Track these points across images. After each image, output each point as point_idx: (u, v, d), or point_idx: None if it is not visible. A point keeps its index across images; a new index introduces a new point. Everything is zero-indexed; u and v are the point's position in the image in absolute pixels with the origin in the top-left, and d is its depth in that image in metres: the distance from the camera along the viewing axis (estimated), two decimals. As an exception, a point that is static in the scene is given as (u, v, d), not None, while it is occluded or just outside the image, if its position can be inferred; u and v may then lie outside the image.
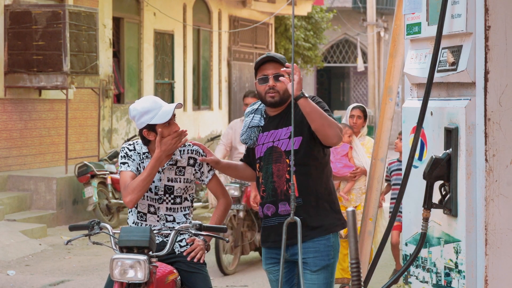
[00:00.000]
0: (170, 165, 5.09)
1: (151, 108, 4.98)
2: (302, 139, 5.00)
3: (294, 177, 4.94)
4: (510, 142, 4.11)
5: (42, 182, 13.42)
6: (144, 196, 5.07)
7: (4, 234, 11.43)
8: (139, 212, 5.12)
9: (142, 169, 5.05)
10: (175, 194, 5.10)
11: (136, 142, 5.18)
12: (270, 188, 5.07)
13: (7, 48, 13.74)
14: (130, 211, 5.17)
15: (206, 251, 5.14)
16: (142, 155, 5.11)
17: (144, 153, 5.12)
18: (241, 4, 22.86)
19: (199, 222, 4.96)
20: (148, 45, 18.43)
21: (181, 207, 5.13)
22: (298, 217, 4.68)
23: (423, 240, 4.26)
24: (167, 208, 5.10)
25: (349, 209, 3.77)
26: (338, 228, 5.13)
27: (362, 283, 3.79)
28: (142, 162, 5.09)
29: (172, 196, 5.09)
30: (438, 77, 4.30)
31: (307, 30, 27.52)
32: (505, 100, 4.10)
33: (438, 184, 4.25)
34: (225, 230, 5.05)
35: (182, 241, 5.13)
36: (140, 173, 5.03)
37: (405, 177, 4.27)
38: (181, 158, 5.11)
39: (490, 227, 4.10)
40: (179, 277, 5.03)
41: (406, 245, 4.65)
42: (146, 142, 5.08)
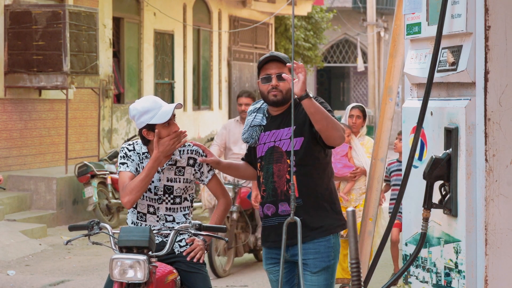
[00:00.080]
0: (170, 165, 5.09)
1: (151, 108, 4.97)
2: (303, 140, 4.99)
3: (294, 177, 4.93)
4: (510, 142, 4.11)
5: (42, 182, 13.41)
6: (143, 196, 5.06)
7: (4, 234, 11.42)
8: (139, 212, 5.11)
9: (142, 169, 5.05)
10: (175, 194, 5.09)
11: (136, 142, 5.17)
12: (271, 188, 5.06)
13: (7, 48, 13.74)
14: (130, 211, 5.17)
15: (206, 251, 5.13)
16: (141, 155, 5.11)
17: (143, 153, 5.11)
18: (241, 4, 22.86)
19: (199, 222, 4.95)
20: (148, 45, 18.43)
21: (180, 207, 5.13)
22: (298, 217, 4.67)
23: (423, 240, 4.25)
24: (167, 208, 5.09)
25: (349, 209, 3.77)
26: (339, 229, 5.11)
27: (362, 283, 3.79)
28: (142, 162, 5.08)
29: (171, 196, 5.09)
30: (438, 77, 4.30)
31: (307, 30, 27.53)
32: (505, 100, 4.10)
33: (438, 184, 4.25)
34: (224, 230, 5.05)
35: (181, 241, 5.12)
36: (139, 173, 5.03)
37: (405, 177, 4.27)
38: (180, 158, 5.10)
39: (490, 227, 4.10)
40: (179, 277, 5.02)
41: (406, 245, 4.64)
42: (145, 142, 5.07)
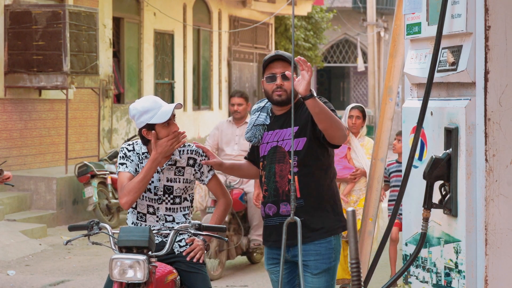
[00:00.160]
0: (169, 165, 5.08)
1: (151, 107, 4.97)
2: (306, 140, 4.98)
3: (296, 178, 4.93)
4: (510, 142, 4.11)
5: (42, 182, 13.41)
6: (142, 196, 5.06)
7: (4, 234, 11.42)
8: (139, 212, 5.11)
9: (141, 169, 5.05)
10: (175, 194, 5.09)
11: (135, 142, 5.17)
12: (272, 188, 5.05)
13: (7, 48, 13.74)
14: (130, 212, 5.16)
15: (206, 251, 5.13)
16: (141, 155, 5.10)
17: (143, 153, 5.11)
18: (241, 4, 22.86)
19: (199, 222, 4.95)
20: (148, 45, 18.42)
21: (180, 207, 5.12)
22: (299, 218, 4.65)
23: (423, 240, 4.25)
24: (167, 208, 5.09)
25: (349, 209, 3.76)
26: (340, 230, 5.10)
27: (362, 283, 3.79)
28: (141, 163, 5.08)
29: (171, 196, 5.09)
30: (438, 77, 4.30)
31: (307, 30, 27.54)
32: (505, 100, 4.10)
33: (438, 184, 4.24)
34: (224, 230, 5.04)
35: (181, 241, 5.12)
36: (138, 174, 5.02)
37: (405, 177, 4.26)
38: (180, 158, 5.10)
39: (490, 227, 4.09)
40: (179, 277, 5.02)
41: (406, 245, 4.64)
42: (145, 142, 5.07)
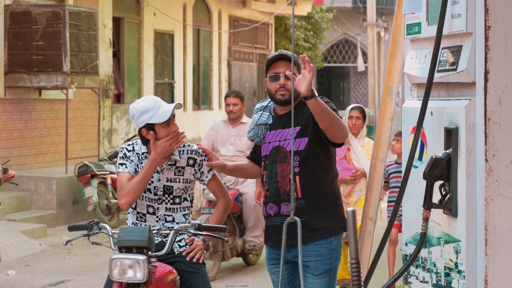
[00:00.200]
0: (169, 165, 5.08)
1: (151, 107, 4.97)
2: (308, 140, 4.98)
3: (297, 178, 4.93)
4: (510, 142, 4.11)
5: (42, 182, 13.41)
6: (142, 196, 5.06)
7: (4, 234, 11.42)
8: (138, 213, 5.11)
9: (141, 169, 5.04)
10: (174, 194, 5.09)
11: (135, 142, 5.16)
12: (274, 188, 5.05)
13: (7, 48, 13.74)
14: (129, 212, 5.16)
15: (206, 251, 5.13)
16: (141, 155, 5.10)
17: (143, 153, 5.10)
18: (241, 4, 22.86)
19: (198, 222, 4.95)
20: (148, 45, 18.42)
21: (180, 207, 5.12)
22: (299, 218, 4.65)
23: (423, 240, 4.25)
24: (167, 208, 5.09)
25: (349, 209, 3.76)
26: (341, 230, 5.09)
27: (362, 283, 3.79)
28: (141, 163, 5.08)
29: (171, 196, 5.08)
30: (438, 77, 4.30)
31: (307, 30, 27.53)
32: (505, 100, 4.10)
33: (438, 184, 4.24)
34: (224, 230, 5.04)
35: (181, 241, 5.12)
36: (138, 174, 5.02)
37: (405, 177, 4.26)
38: (180, 158, 5.10)
39: (490, 227, 4.09)
40: (179, 277, 5.02)
41: (406, 245, 4.64)
42: (145, 141, 5.07)
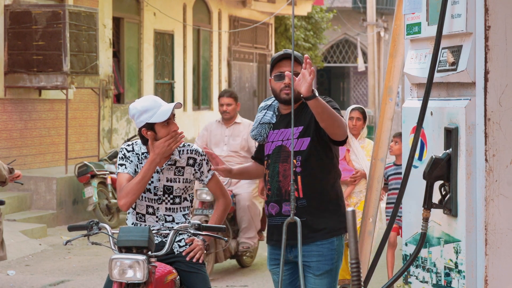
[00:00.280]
0: (169, 165, 5.08)
1: (151, 107, 4.97)
2: (310, 140, 4.97)
3: (299, 178, 4.93)
4: (510, 142, 4.10)
5: (42, 182, 13.41)
6: (142, 197, 5.06)
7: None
8: (138, 213, 5.11)
9: (140, 170, 5.04)
10: (174, 194, 5.09)
11: (135, 142, 5.16)
12: (275, 187, 5.05)
13: (7, 48, 13.74)
14: (129, 212, 5.16)
15: (205, 251, 5.13)
16: (140, 156, 5.10)
17: (143, 153, 5.10)
18: (241, 4, 22.86)
19: (198, 222, 4.95)
20: (148, 45, 18.42)
21: (180, 207, 5.12)
22: (301, 218, 4.65)
23: (423, 240, 4.25)
24: (166, 208, 5.09)
25: (349, 209, 3.76)
26: (342, 231, 5.08)
27: (362, 283, 3.79)
28: (141, 163, 5.08)
29: (171, 196, 5.08)
30: (438, 77, 4.30)
31: (307, 30, 27.52)
32: (505, 100, 4.09)
33: (438, 184, 4.24)
34: (224, 230, 5.05)
35: (181, 241, 5.12)
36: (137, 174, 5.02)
37: (405, 177, 4.26)
38: (180, 158, 5.10)
39: (490, 227, 4.09)
40: (178, 277, 5.02)
41: (406, 245, 4.64)
42: (145, 141, 5.07)
